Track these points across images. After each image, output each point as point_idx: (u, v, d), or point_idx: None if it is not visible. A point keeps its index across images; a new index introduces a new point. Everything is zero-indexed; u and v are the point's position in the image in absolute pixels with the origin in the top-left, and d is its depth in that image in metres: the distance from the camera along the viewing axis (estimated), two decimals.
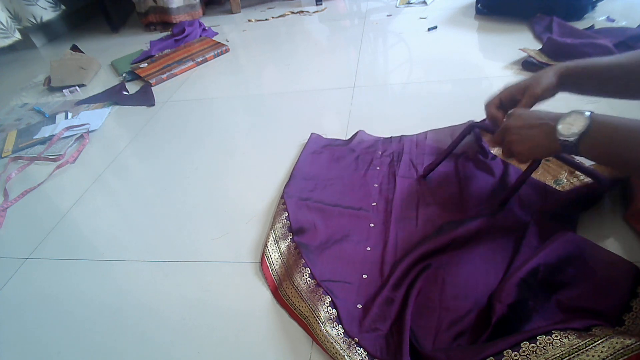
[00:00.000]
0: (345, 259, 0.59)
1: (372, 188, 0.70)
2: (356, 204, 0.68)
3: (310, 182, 0.74)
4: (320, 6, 1.76)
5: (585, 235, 0.52)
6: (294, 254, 0.60)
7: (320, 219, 0.66)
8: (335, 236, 0.63)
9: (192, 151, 0.93)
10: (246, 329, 0.53)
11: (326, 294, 0.53)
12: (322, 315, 0.50)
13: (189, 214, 0.75)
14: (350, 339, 0.48)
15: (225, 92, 1.18)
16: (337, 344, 0.47)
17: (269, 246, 0.63)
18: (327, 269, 0.57)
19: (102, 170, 0.92)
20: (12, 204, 0.87)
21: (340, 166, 0.77)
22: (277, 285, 0.58)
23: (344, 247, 0.61)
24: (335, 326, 0.49)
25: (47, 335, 0.58)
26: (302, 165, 0.79)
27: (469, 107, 0.84)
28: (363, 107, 0.97)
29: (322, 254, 0.60)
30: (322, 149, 0.82)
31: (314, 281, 0.55)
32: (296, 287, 0.55)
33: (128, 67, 1.41)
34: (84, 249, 0.72)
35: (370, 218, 0.65)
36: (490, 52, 1.12)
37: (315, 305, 0.52)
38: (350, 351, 0.47)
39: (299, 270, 0.57)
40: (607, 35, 1.00)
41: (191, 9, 1.76)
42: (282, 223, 0.67)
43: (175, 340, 0.54)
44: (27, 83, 1.51)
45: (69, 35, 2.01)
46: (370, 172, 0.74)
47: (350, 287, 0.55)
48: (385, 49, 1.30)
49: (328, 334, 0.48)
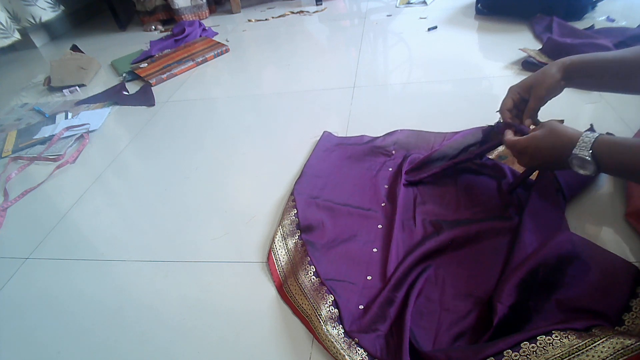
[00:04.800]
0: (351, 259, 0.59)
1: (382, 189, 0.70)
2: (366, 204, 0.67)
3: (321, 179, 0.74)
4: (320, 6, 1.76)
5: (585, 236, 0.52)
6: (301, 252, 0.60)
7: (329, 217, 0.66)
8: (343, 236, 0.62)
9: (192, 151, 0.93)
10: (246, 329, 0.53)
11: (329, 292, 0.53)
12: (323, 314, 0.50)
13: (189, 214, 0.75)
14: (350, 339, 0.48)
15: (225, 92, 1.19)
16: (337, 343, 0.47)
17: (277, 242, 0.63)
18: (332, 268, 0.57)
19: (102, 170, 0.92)
20: (12, 204, 0.87)
21: (352, 165, 0.77)
22: (282, 282, 0.58)
23: (351, 247, 0.60)
24: (337, 326, 0.49)
25: (47, 335, 0.58)
26: (314, 163, 0.78)
27: (469, 107, 0.84)
28: (363, 107, 0.97)
29: (328, 252, 0.60)
30: (334, 147, 0.82)
31: (318, 279, 0.55)
32: (300, 285, 0.55)
33: (128, 67, 1.41)
34: (84, 249, 0.72)
35: (379, 219, 0.64)
36: (490, 52, 1.12)
37: (317, 303, 0.52)
38: (351, 351, 0.47)
39: (304, 267, 0.57)
40: (607, 35, 1.00)
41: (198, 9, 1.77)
42: (290, 220, 0.67)
43: (175, 340, 0.54)
44: (27, 83, 1.51)
45: (69, 35, 2.01)
46: (382, 172, 0.74)
47: (354, 287, 0.55)
48: (385, 49, 1.30)
49: (329, 333, 0.48)
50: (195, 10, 1.76)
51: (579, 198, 0.61)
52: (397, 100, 0.99)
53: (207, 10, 1.81)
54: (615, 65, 0.53)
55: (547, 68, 0.57)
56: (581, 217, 0.59)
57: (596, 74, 0.55)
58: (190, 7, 1.73)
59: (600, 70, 0.55)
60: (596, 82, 0.57)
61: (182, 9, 1.71)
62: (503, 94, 0.62)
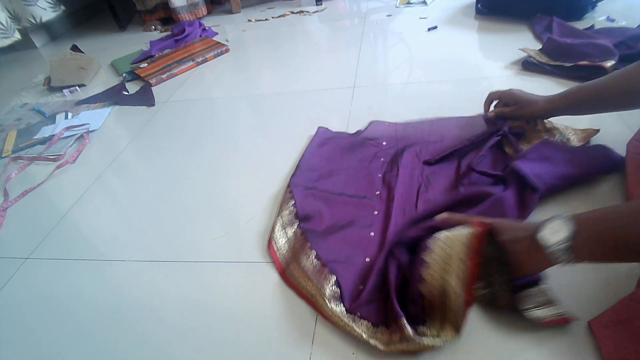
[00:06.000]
0: (350, 243, 0.61)
1: (376, 178, 0.72)
2: (361, 192, 0.70)
3: (315, 172, 0.77)
4: (320, 6, 1.76)
5: None
6: (300, 239, 0.63)
7: (325, 207, 0.68)
8: (341, 222, 0.65)
9: (192, 151, 0.93)
10: (246, 329, 0.53)
11: (331, 273, 0.56)
12: (327, 293, 0.53)
13: (189, 214, 0.75)
14: (353, 315, 0.51)
15: (225, 92, 1.19)
16: (344, 318, 0.50)
17: (276, 232, 0.65)
18: (332, 251, 0.60)
19: (102, 170, 0.92)
20: (12, 204, 0.87)
21: (344, 157, 0.79)
22: (285, 268, 0.60)
23: (349, 232, 0.63)
24: (339, 304, 0.52)
25: (47, 335, 0.58)
26: (308, 157, 0.81)
27: (469, 107, 0.84)
28: (363, 107, 0.97)
29: (327, 238, 0.63)
30: (327, 141, 0.85)
31: (319, 262, 0.58)
32: (302, 268, 0.58)
33: (128, 67, 1.41)
34: (84, 249, 0.72)
35: (375, 206, 0.67)
36: (490, 52, 1.12)
37: (321, 283, 0.54)
38: (355, 324, 0.49)
39: (305, 252, 0.60)
40: (607, 35, 1.00)
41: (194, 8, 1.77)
42: (289, 210, 0.69)
43: (175, 340, 0.54)
44: (27, 83, 1.51)
45: (69, 35, 2.01)
46: (374, 163, 0.76)
47: (354, 268, 0.57)
48: (385, 49, 1.30)
49: (332, 310, 0.51)
50: (191, 9, 1.76)
51: (579, 198, 0.61)
52: (397, 100, 0.99)
53: (205, 8, 1.81)
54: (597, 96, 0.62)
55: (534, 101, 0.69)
56: None
57: (582, 107, 0.65)
58: (186, 6, 1.73)
59: (586, 104, 0.64)
60: (584, 112, 0.67)
61: (178, 8, 1.71)
62: None
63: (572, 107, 0.66)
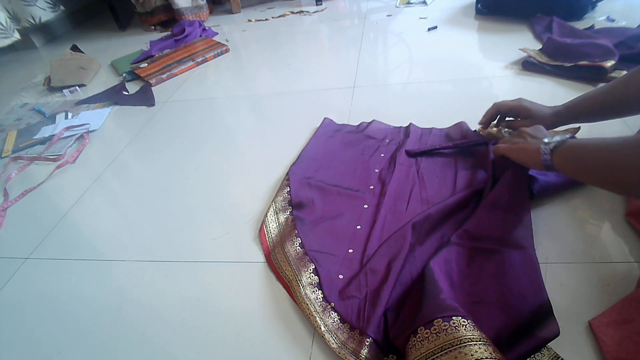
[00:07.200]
0: (335, 235, 0.62)
1: (373, 173, 0.73)
2: (355, 185, 0.71)
3: (317, 162, 0.79)
4: (320, 6, 1.76)
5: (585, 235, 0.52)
6: (290, 225, 0.65)
7: (319, 196, 0.70)
8: (330, 214, 0.66)
9: (192, 151, 0.93)
10: (246, 329, 0.53)
11: (311, 262, 0.57)
12: (304, 280, 0.55)
13: (189, 214, 0.75)
14: (327, 303, 0.52)
15: (225, 92, 1.19)
16: (312, 306, 0.51)
17: (269, 216, 0.68)
18: (316, 241, 0.62)
19: (102, 170, 0.92)
20: (12, 204, 0.87)
21: (346, 150, 0.80)
22: (270, 251, 0.62)
23: (336, 224, 0.64)
24: (315, 291, 0.54)
25: (47, 335, 0.58)
26: (311, 147, 0.83)
27: (469, 107, 0.84)
28: (363, 107, 0.97)
29: (315, 227, 0.64)
30: (332, 133, 0.87)
31: (302, 250, 0.60)
32: (285, 254, 0.60)
33: (128, 67, 1.41)
34: (84, 249, 0.72)
35: (366, 200, 0.68)
36: (490, 52, 1.12)
37: (299, 270, 0.57)
38: (324, 314, 0.50)
39: (291, 239, 0.62)
40: (607, 35, 1.00)
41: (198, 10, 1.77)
42: (283, 197, 0.71)
43: (175, 340, 0.54)
44: (27, 83, 1.51)
45: (69, 35, 2.02)
46: (374, 158, 0.77)
47: (335, 259, 0.59)
48: (385, 49, 1.30)
49: (307, 296, 0.52)
50: (196, 11, 1.76)
51: (579, 198, 0.61)
52: (397, 100, 0.99)
53: (208, 11, 1.81)
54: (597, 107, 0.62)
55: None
56: (581, 216, 0.59)
57: (582, 117, 0.65)
58: (191, 7, 1.73)
59: (586, 115, 0.64)
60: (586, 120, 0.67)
61: (182, 9, 1.71)
62: (503, 94, 0.62)
63: (579, 119, 0.66)
